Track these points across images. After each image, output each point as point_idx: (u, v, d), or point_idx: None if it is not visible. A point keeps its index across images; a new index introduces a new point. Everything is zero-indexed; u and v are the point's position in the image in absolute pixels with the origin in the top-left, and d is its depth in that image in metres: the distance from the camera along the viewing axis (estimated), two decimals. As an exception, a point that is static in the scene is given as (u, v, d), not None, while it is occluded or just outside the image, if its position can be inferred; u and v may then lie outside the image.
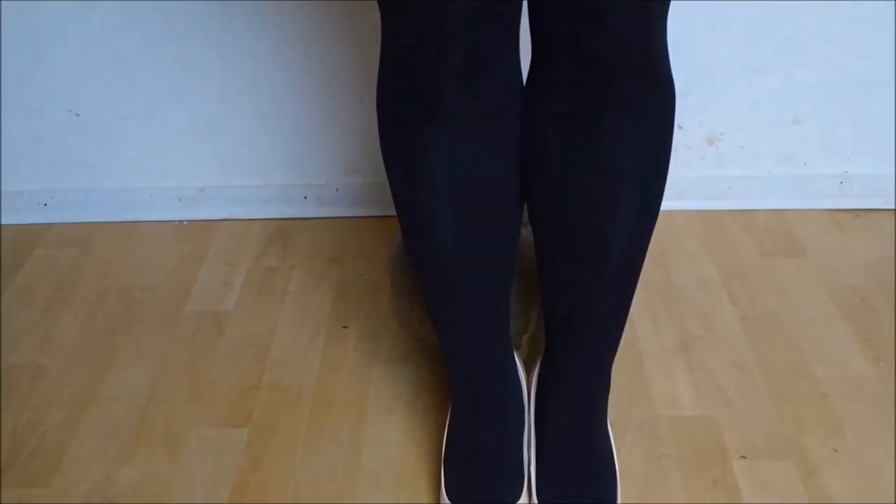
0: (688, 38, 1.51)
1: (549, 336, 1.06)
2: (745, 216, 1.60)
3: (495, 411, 1.07)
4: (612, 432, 1.11)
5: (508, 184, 0.94)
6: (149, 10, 1.48)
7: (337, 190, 1.64)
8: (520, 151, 0.93)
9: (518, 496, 1.04)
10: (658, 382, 1.25)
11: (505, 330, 1.06)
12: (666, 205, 1.62)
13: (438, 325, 1.03)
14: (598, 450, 1.06)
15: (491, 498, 1.03)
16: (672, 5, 1.50)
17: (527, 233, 1.20)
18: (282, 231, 1.62)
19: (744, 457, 1.14)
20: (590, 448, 1.06)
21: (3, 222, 1.65)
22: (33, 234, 1.62)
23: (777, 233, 1.56)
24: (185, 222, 1.65)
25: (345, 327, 1.38)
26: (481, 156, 0.91)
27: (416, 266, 0.99)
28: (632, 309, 1.37)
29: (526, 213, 1.24)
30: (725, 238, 1.55)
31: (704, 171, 1.62)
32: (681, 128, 1.59)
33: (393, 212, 1.61)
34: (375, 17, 1.48)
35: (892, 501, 1.08)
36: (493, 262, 0.98)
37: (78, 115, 1.59)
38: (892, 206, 1.60)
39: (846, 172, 1.61)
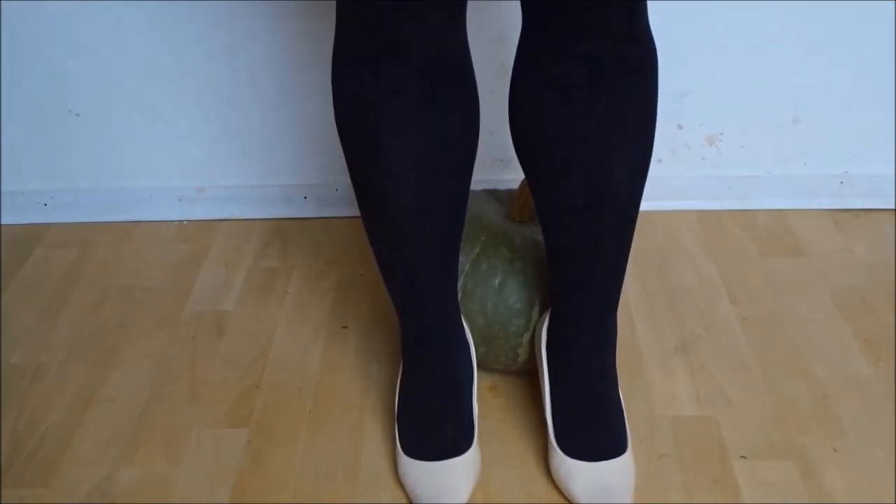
0: (688, 39, 1.51)
1: (557, 295, 1.10)
2: (745, 216, 1.60)
3: (446, 364, 1.12)
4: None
5: (459, 147, 1.00)
6: (149, 9, 1.48)
7: (337, 190, 1.64)
8: (472, 118, 1.00)
9: (469, 444, 1.10)
10: (658, 382, 1.25)
11: (453, 286, 1.11)
12: (666, 205, 1.63)
13: (391, 284, 1.09)
14: (610, 395, 1.11)
15: (445, 448, 1.09)
16: (672, 6, 1.51)
17: (529, 231, 1.21)
18: (282, 231, 1.62)
19: (744, 457, 1.14)
20: (603, 395, 1.11)
21: (3, 222, 1.65)
22: (33, 234, 1.62)
23: (777, 233, 1.56)
24: (185, 222, 1.65)
25: (345, 327, 1.38)
26: (432, 122, 0.96)
27: (370, 230, 1.05)
28: (632, 309, 1.38)
29: (525, 214, 1.24)
30: (725, 238, 1.55)
31: (704, 171, 1.62)
32: (681, 128, 1.59)
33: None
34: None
35: (892, 501, 1.08)
36: (446, 219, 1.04)
37: (78, 115, 1.59)
38: (892, 206, 1.60)
39: (846, 172, 1.61)
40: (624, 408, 1.13)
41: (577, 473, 1.07)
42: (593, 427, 1.09)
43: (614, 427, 1.10)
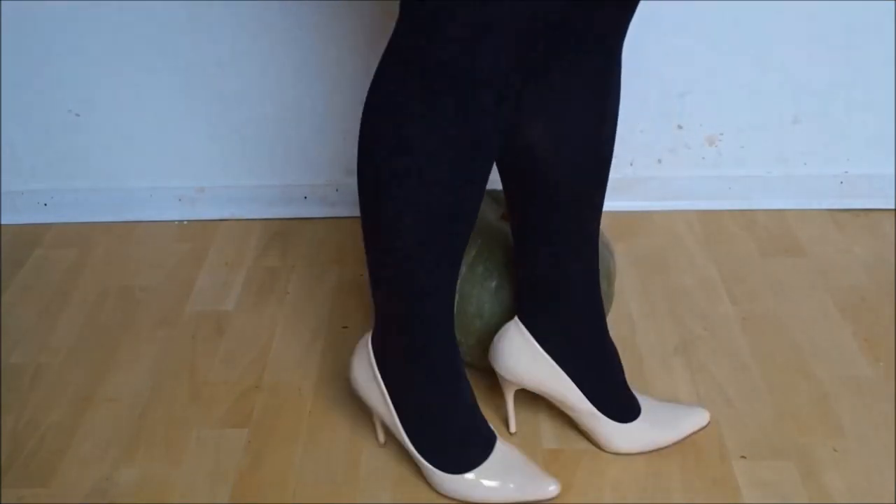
0: (688, 39, 1.51)
1: (542, 286, 1.10)
2: (745, 216, 1.60)
3: (451, 372, 1.09)
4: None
5: (482, 150, 0.99)
6: (149, 10, 1.48)
7: (337, 190, 1.64)
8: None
9: (494, 441, 1.09)
10: (658, 382, 1.25)
11: (453, 290, 1.08)
12: (666, 205, 1.63)
13: (392, 288, 1.04)
14: (611, 350, 1.14)
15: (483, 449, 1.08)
16: (672, 6, 1.50)
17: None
18: (282, 231, 1.62)
19: (744, 457, 1.14)
20: (609, 352, 1.14)
21: (3, 222, 1.65)
22: (33, 234, 1.62)
23: (777, 233, 1.56)
24: (185, 222, 1.65)
25: (345, 327, 1.38)
26: (463, 125, 0.94)
27: (376, 239, 1.01)
28: (632, 309, 1.38)
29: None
30: (725, 238, 1.55)
31: (704, 171, 1.62)
32: (681, 128, 1.59)
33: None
34: (375, 17, 1.49)
35: (893, 501, 1.08)
36: (457, 232, 1.03)
37: (78, 115, 1.59)
38: (892, 206, 1.60)
39: (846, 172, 1.61)
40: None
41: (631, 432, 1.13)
42: (623, 388, 1.14)
43: (620, 372, 1.15)
